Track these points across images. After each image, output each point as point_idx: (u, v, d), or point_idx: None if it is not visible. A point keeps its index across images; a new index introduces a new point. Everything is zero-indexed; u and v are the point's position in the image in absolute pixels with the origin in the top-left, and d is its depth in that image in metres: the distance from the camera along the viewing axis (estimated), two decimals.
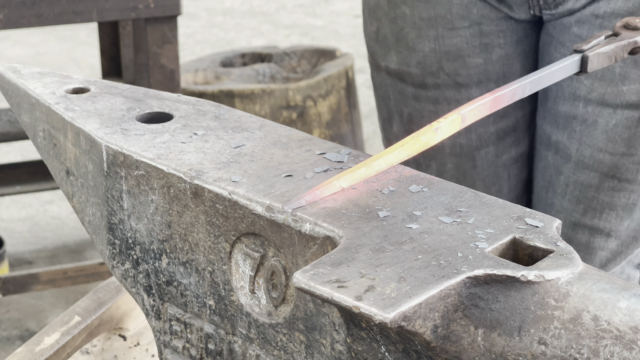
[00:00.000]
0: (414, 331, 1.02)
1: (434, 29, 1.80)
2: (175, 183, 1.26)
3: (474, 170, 1.88)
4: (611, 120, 1.73)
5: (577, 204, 1.81)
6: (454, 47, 1.80)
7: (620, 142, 1.74)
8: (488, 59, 1.80)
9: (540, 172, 1.86)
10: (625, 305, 1.01)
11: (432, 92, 1.84)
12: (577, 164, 1.78)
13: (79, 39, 6.01)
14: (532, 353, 1.03)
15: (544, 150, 1.84)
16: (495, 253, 1.09)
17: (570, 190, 1.80)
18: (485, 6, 1.78)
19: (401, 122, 1.90)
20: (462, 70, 1.81)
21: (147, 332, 1.75)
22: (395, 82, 1.87)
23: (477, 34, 1.79)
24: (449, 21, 1.79)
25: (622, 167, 1.76)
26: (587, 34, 1.72)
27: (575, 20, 1.73)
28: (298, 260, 1.16)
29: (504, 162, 1.88)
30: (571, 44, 1.74)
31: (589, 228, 1.82)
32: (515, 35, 1.81)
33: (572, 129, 1.77)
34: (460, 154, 1.87)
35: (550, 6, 1.74)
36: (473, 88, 1.82)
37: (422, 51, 1.81)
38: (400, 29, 1.83)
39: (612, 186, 1.78)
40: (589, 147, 1.76)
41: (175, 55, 2.82)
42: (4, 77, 1.49)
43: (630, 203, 1.80)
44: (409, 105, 1.87)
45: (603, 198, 1.79)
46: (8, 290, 3.05)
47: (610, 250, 1.84)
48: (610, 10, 1.70)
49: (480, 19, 1.78)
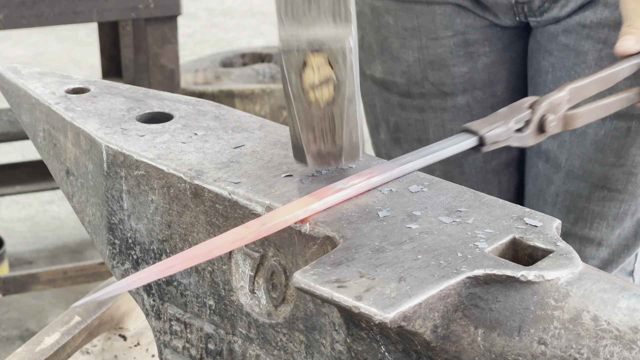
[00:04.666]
0: (413, 331, 1.02)
1: (417, 39, 1.78)
2: (175, 183, 1.26)
3: (462, 176, 1.87)
4: (600, 130, 1.72)
5: (568, 213, 1.80)
6: (438, 56, 1.78)
7: (609, 153, 1.73)
8: (473, 67, 1.79)
9: (531, 179, 1.85)
10: (625, 305, 1.01)
11: (417, 101, 1.83)
12: (567, 174, 1.77)
13: (79, 39, 6.01)
14: (532, 353, 1.03)
15: (534, 158, 1.83)
16: (495, 253, 1.09)
17: (561, 200, 1.80)
18: (469, 15, 1.76)
19: (388, 130, 1.89)
20: (447, 79, 1.80)
21: (147, 332, 1.75)
22: (381, 91, 1.86)
23: (462, 43, 1.77)
24: (432, 31, 1.77)
25: (612, 178, 1.75)
26: (574, 43, 1.71)
27: (562, 30, 1.72)
28: (298, 260, 1.16)
29: (494, 168, 1.87)
30: (559, 54, 1.73)
31: (579, 238, 1.81)
32: (501, 42, 1.79)
33: (562, 139, 1.76)
34: (447, 160, 1.86)
35: (536, 13, 1.73)
36: (459, 96, 1.81)
37: (407, 61, 1.80)
38: (384, 38, 1.81)
39: (602, 196, 1.77)
40: (579, 158, 1.75)
41: (175, 55, 2.82)
42: (4, 77, 1.50)
43: (621, 212, 1.79)
44: (394, 114, 1.86)
45: (593, 208, 1.78)
46: (8, 290, 3.05)
47: (602, 259, 1.84)
48: (597, 20, 1.68)
49: (465, 28, 1.76)
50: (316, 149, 1.19)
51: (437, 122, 1.83)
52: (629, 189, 1.76)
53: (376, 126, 1.92)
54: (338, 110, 1.16)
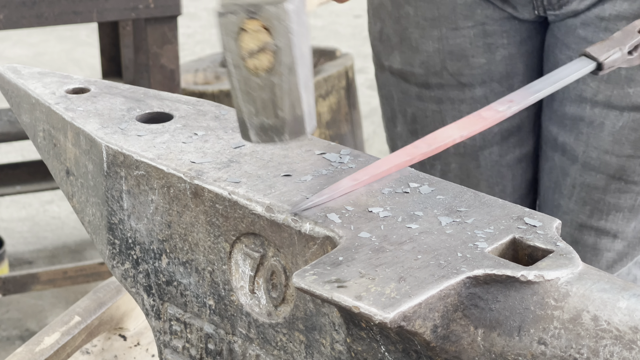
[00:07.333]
0: (413, 331, 1.02)
1: (437, 29, 1.80)
2: (175, 183, 1.26)
3: (477, 170, 1.88)
4: (617, 122, 1.73)
5: (584, 205, 1.81)
6: (457, 47, 1.80)
7: (626, 144, 1.74)
8: (491, 59, 1.80)
9: (547, 173, 1.86)
10: (625, 305, 1.01)
11: (435, 92, 1.84)
12: (584, 166, 1.78)
13: (79, 39, 6.01)
14: (532, 353, 1.03)
15: (550, 151, 1.84)
16: (495, 253, 1.09)
17: (577, 192, 1.80)
18: (489, 6, 1.77)
19: (405, 122, 1.90)
20: (466, 70, 1.81)
21: (147, 332, 1.75)
22: (399, 82, 1.87)
23: (481, 34, 1.79)
24: (452, 21, 1.78)
25: (629, 169, 1.76)
26: (592, 36, 1.72)
27: (581, 23, 1.73)
28: (298, 260, 1.16)
29: (508, 162, 1.88)
30: (576, 47, 1.74)
31: (595, 229, 1.82)
32: (519, 35, 1.80)
33: (579, 131, 1.77)
34: (464, 154, 1.87)
35: (554, 7, 1.74)
36: (477, 88, 1.82)
37: (426, 51, 1.81)
38: (403, 29, 1.83)
39: (618, 188, 1.78)
40: (596, 149, 1.76)
41: (175, 55, 2.82)
42: (4, 77, 1.50)
43: (637, 205, 1.80)
44: (412, 105, 1.87)
45: (609, 200, 1.79)
46: (8, 290, 3.05)
47: (617, 251, 1.84)
48: (616, 12, 1.69)
49: (484, 19, 1.78)
50: (258, 123, 1.15)
51: (455, 114, 1.84)
52: None
53: (393, 118, 1.93)
54: (278, 80, 1.12)
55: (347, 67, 3.84)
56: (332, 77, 3.76)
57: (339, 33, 6.21)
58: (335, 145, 1.31)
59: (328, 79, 3.75)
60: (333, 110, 3.78)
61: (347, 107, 3.84)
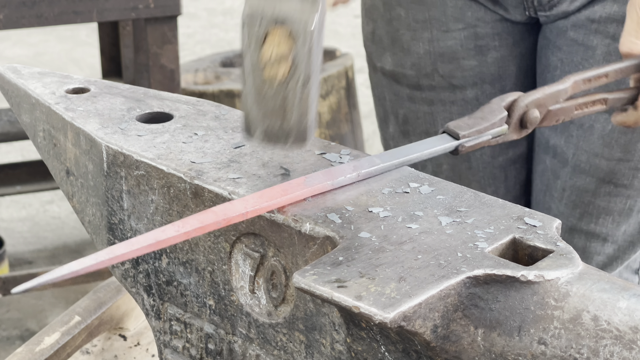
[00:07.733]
0: (413, 331, 1.02)
1: (428, 31, 1.80)
2: (175, 183, 1.26)
3: (469, 171, 1.87)
4: (607, 125, 1.73)
5: (574, 208, 1.81)
6: (448, 49, 1.80)
7: (616, 148, 1.73)
8: (483, 61, 1.80)
9: (539, 175, 1.86)
10: (625, 305, 1.01)
11: (427, 93, 1.84)
12: (574, 169, 1.78)
13: (79, 39, 6.01)
14: (532, 353, 1.03)
15: (542, 154, 1.84)
16: (495, 253, 1.09)
17: (567, 195, 1.80)
18: (480, 8, 1.77)
19: (397, 123, 1.90)
20: (457, 72, 1.81)
21: (147, 332, 1.75)
22: (391, 83, 1.87)
23: (472, 37, 1.79)
24: (443, 23, 1.78)
25: (619, 173, 1.75)
26: (583, 38, 1.72)
27: (571, 25, 1.73)
28: (298, 260, 1.16)
29: (501, 163, 1.88)
30: (568, 48, 1.74)
31: (585, 233, 1.82)
32: (511, 37, 1.80)
33: (570, 134, 1.76)
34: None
35: (545, 7, 1.74)
36: (468, 89, 1.82)
37: (417, 53, 1.81)
38: (395, 30, 1.83)
39: (608, 191, 1.77)
40: (586, 152, 1.76)
41: (175, 55, 2.82)
42: (4, 77, 1.49)
43: (627, 208, 1.79)
44: (404, 106, 1.87)
45: (599, 203, 1.79)
46: (8, 290, 3.05)
47: (607, 255, 1.84)
48: (606, 14, 1.69)
49: (475, 21, 1.78)
50: (265, 126, 1.18)
51: (446, 115, 1.84)
52: (635, 184, 1.77)
53: (385, 119, 1.93)
54: (290, 92, 1.15)
55: (347, 67, 3.84)
56: (332, 77, 3.76)
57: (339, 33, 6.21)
58: (335, 145, 1.31)
59: (328, 79, 3.75)
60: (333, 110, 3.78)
61: (347, 107, 3.84)
